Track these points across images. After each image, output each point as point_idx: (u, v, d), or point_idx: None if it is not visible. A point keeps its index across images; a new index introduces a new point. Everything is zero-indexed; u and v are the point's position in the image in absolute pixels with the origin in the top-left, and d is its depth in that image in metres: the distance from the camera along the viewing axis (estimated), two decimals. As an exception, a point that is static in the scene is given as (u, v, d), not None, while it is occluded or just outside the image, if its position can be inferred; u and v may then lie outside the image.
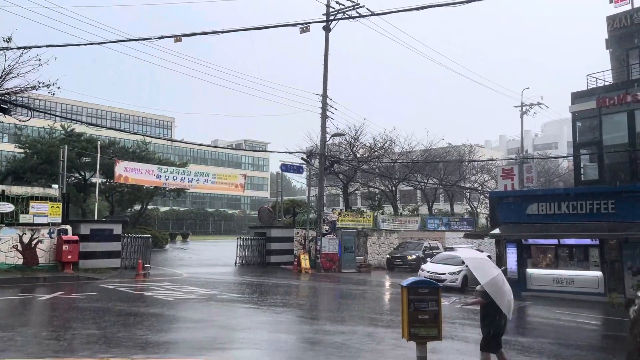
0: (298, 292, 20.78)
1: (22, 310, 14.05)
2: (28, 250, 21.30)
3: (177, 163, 45.96)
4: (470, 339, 11.99)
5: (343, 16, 27.41)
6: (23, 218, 21.50)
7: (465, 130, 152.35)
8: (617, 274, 19.76)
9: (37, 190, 23.45)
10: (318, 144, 32.81)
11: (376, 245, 34.93)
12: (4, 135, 61.74)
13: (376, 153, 40.57)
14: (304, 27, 21.25)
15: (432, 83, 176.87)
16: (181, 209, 73.34)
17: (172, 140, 64.76)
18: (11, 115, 19.47)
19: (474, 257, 8.77)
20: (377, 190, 49.49)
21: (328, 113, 29.89)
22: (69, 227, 22.44)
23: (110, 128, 41.90)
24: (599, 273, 20.27)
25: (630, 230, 18.71)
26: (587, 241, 20.71)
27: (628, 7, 24.14)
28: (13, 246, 20.95)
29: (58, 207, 22.40)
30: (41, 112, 24.27)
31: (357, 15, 25.15)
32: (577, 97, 23.46)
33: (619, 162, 22.58)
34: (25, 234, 21.29)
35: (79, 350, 9.26)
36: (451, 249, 32.10)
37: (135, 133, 48.02)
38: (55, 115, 35.62)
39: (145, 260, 23.58)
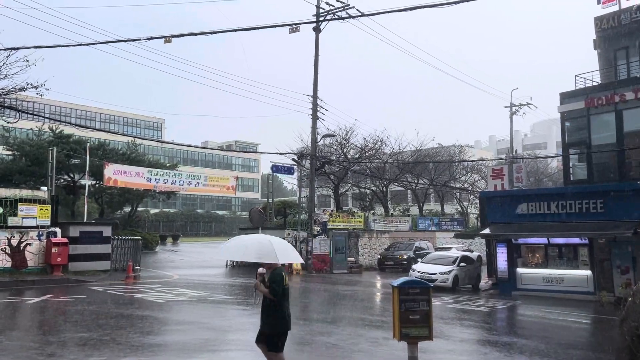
0: (289, 293, 20.73)
1: (11, 313, 13.91)
2: (17, 253, 21.10)
3: (167, 165, 45.74)
4: (462, 338, 12.04)
5: (333, 17, 27.44)
6: (11, 221, 21.30)
7: (455, 131, 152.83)
8: (606, 273, 19.92)
9: (26, 193, 23.21)
10: (309, 144, 32.80)
11: (367, 245, 34.96)
12: (-8, 137, 61.08)
13: (367, 154, 40.63)
14: (294, 28, 21.23)
15: (422, 84, 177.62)
16: (171, 210, 72.99)
17: (162, 142, 64.42)
18: (-1, 117, 19.31)
19: (245, 244, 7.44)
20: (368, 191, 49.55)
21: (318, 114, 29.91)
22: (58, 230, 22.25)
23: (99, 129, 41.60)
24: (588, 272, 20.41)
25: (619, 229, 18.86)
26: (577, 240, 20.86)
27: (615, 8, 24.37)
28: (1, 249, 20.74)
29: (47, 209, 22.22)
30: (29, 113, 24.05)
31: (347, 16, 25.18)
32: (565, 97, 23.63)
33: (607, 161, 22.77)
34: (14, 237, 21.09)
35: (68, 353, 9.18)
36: (442, 249, 32.21)
37: (124, 134, 47.80)
38: (44, 117, 35.28)
39: (136, 262, 23.45)
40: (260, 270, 7.45)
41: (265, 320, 7.37)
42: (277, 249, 7.15)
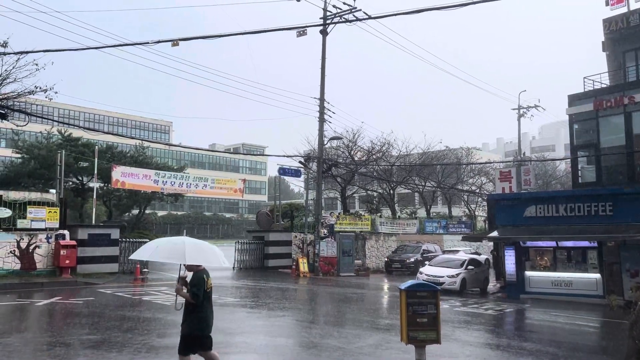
0: (296, 296, 20.74)
1: (20, 315, 13.99)
2: (25, 256, 21.23)
3: (175, 167, 45.92)
4: (470, 342, 11.98)
5: (340, 20, 27.45)
6: (20, 223, 21.45)
7: (462, 133, 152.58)
8: (616, 276, 19.77)
9: (35, 195, 23.36)
10: (316, 147, 32.82)
11: (374, 248, 34.91)
12: (1, 140, 61.66)
13: (374, 156, 40.59)
14: (301, 31, 21.28)
15: (429, 85, 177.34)
16: (179, 213, 73.30)
17: (170, 145, 64.78)
18: (8, 120, 19.43)
19: (157, 244, 7.25)
20: (375, 194, 49.47)
21: (326, 117, 29.91)
22: (66, 232, 22.36)
23: (107, 132, 41.84)
24: (597, 275, 20.27)
25: (628, 232, 18.72)
26: (585, 243, 20.71)
27: (624, 10, 24.23)
28: (10, 251, 20.88)
29: (55, 212, 22.34)
30: (38, 116, 24.17)
31: (354, 18, 25.22)
32: (574, 99, 23.51)
33: (616, 164, 22.63)
34: (23, 239, 21.22)
35: (77, 355, 9.22)
36: (450, 251, 32.09)
37: (132, 137, 48.01)
38: (53, 120, 35.46)
39: (143, 265, 23.52)
40: (182, 274, 7.21)
41: (184, 321, 7.11)
42: (189, 249, 6.93)
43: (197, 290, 6.97)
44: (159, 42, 16.27)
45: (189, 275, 7.23)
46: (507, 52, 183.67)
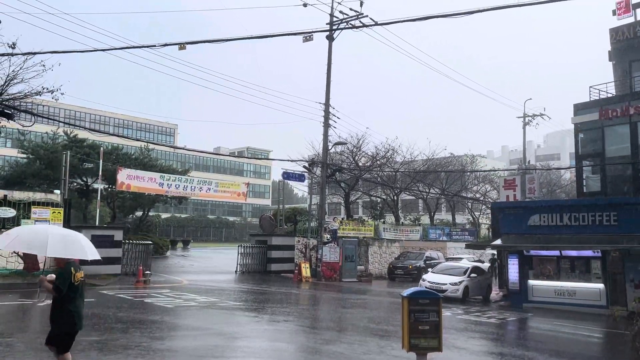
0: (298, 301, 20.71)
1: (22, 315, 14.01)
2: (29, 256, 21.25)
3: (179, 170, 46.02)
4: (472, 350, 11.93)
5: (346, 26, 27.51)
6: (24, 223, 21.48)
7: (467, 140, 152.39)
8: (619, 287, 19.65)
9: (39, 196, 23.44)
10: (320, 152, 32.84)
11: (377, 254, 34.84)
12: (7, 140, 61.91)
13: (378, 162, 40.56)
14: (307, 36, 21.35)
15: (435, 93, 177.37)
16: (182, 215, 73.37)
17: (175, 147, 64.90)
18: (15, 121, 19.52)
19: (18, 233, 6.88)
20: (378, 200, 49.41)
21: (330, 122, 29.94)
22: (70, 233, 22.36)
23: (113, 134, 41.93)
24: (601, 285, 20.16)
25: (632, 243, 18.63)
26: (589, 253, 20.61)
27: (631, 20, 24.23)
28: (14, 251, 20.92)
29: (60, 212, 22.40)
30: (44, 117, 24.28)
31: (361, 24, 25.23)
32: (579, 108, 23.48)
33: (621, 174, 22.57)
34: (27, 239, 21.23)
35: (77, 357, 9.21)
36: (453, 259, 31.98)
37: (137, 139, 48.15)
38: (59, 121, 35.64)
39: (146, 267, 23.54)
40: (50, 277, 6.89)
41: (51, 319, 6.83)
42: (52, 240, 6.58)
43: (60, 284, 6.67)
44: (165, 45, 16.36)
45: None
46: (518, 55, 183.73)
